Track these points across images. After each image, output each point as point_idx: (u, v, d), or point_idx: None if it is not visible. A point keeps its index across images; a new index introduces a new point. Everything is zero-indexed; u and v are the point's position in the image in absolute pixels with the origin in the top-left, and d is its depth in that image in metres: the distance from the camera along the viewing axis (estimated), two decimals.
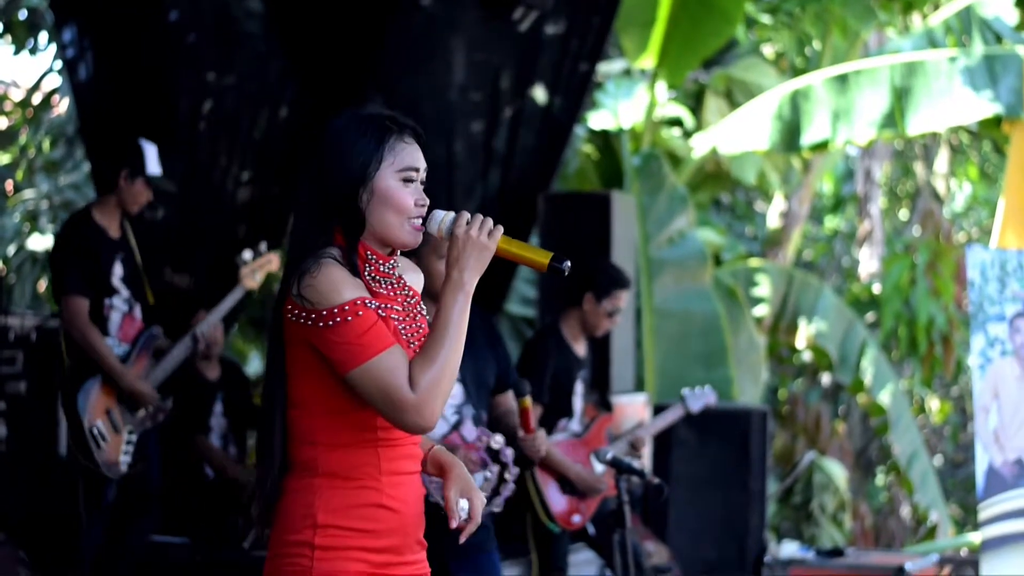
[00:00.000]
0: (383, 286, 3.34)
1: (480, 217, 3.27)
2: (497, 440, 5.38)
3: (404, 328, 3.33)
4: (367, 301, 3.21)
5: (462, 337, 3.23)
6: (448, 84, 9.95)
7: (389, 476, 3.29)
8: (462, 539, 3.43)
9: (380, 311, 3.25)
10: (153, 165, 6.91)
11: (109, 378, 6.62)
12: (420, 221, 3.32)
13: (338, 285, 3.19)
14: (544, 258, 3.29)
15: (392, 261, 3.36)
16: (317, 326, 3.19)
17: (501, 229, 3.28)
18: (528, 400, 5.65)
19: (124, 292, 6.84)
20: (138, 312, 6.90)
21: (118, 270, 6.82)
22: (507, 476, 5.39)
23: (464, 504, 3.41)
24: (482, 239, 3.25)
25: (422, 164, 3.35)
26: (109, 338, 6.73)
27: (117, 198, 6.89)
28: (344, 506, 3.25)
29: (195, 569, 7.28)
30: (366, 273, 3.31)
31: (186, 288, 9.18)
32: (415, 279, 3.50)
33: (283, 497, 3.30)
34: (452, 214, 3.30)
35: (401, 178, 3.31)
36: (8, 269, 12.32)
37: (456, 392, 5.31)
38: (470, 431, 5.31)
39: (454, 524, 3.39)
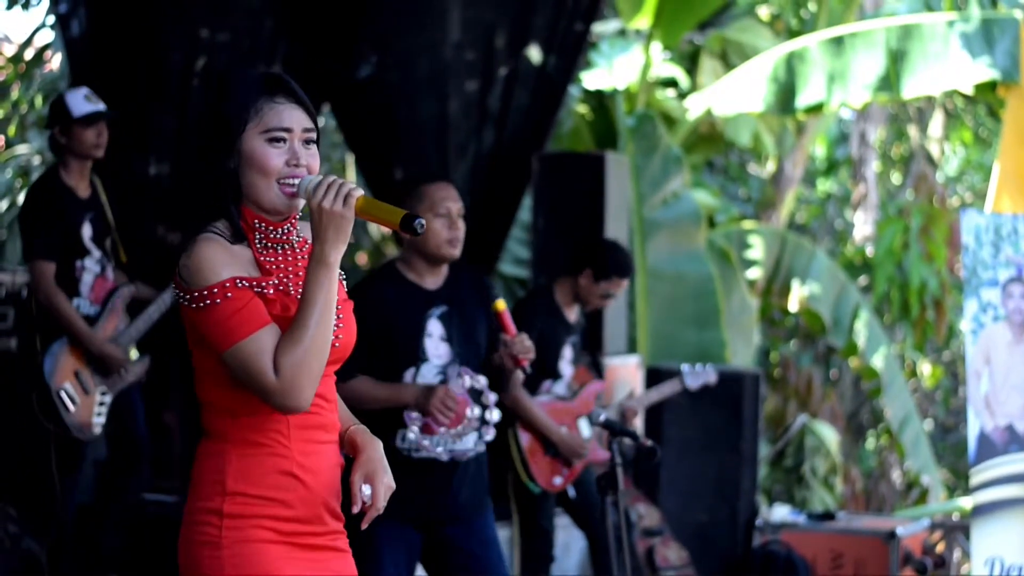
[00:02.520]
0: (278, 253, 3.25)
1: (337, 183, 3.13)
2: (480, 381, 5.27)
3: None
4: (238, 281, 3.13)
5: (329, 314, 3.13)
6: (443, 42, 9.90)
7: (300, 444, 3.22)
8: (364, 524, 3.36)
9: (256, 288, 3.16)
10: (80, 107, 6.71)
11: (76, 340, 6.56)
12: (294, 183, 3.20)
13: (208, 264, 3.12)
14: (397, 217, 3.12)
15: (286, 227, 3.25)
16: (191, 307, 3.13)
17: (359, 192, 3.14)
18: (502, 302, 5.35)
19: (96, 253, 6.73)
20: (110, 272, 6.79)
21: (87, 230, 6.70)
22: (488, 418, 5.29)
23: (367, 489, 3.33)
24: (337, 208, 3.11)
25: (296, 124, 3.22)
26: (80, 299, 6.65)
27: (71, 154, 6.68)
28: (253, 473, 3.19)
29: None
30: (256, 241, 3.22)
31: (179, 246, 9.14)
32: None
33: (196, 463, 3.24)
34: (316, 178, 3.17)
35: (267, 139, 3.20)
36: (0, 225, 12.28)
37: (442, 352, 5.25)
38: (454, 388, 5.21)
39: (356, 508, 3.32)
